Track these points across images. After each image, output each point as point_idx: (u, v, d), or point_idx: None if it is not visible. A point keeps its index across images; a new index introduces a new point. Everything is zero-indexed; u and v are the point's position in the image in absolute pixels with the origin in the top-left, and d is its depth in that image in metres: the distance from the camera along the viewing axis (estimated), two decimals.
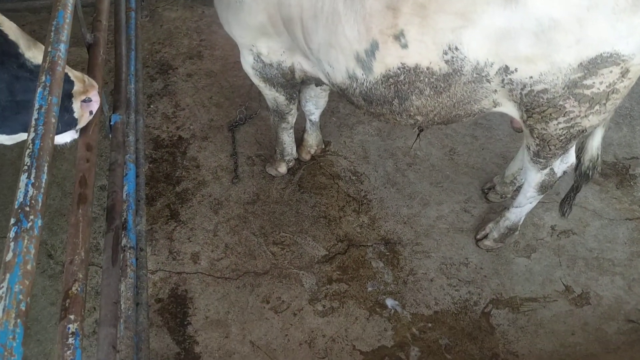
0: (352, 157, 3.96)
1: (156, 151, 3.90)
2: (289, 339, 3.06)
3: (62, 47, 1.65)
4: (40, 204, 1.22)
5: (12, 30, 1.73)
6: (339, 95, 2.93)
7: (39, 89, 1.48)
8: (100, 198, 3.52)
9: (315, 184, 3.78)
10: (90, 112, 2.02)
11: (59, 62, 1.59)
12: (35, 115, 1.40)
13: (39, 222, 1.20)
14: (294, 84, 3.14)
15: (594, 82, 2.28)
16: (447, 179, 3.87)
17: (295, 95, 3.30)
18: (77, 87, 1.91)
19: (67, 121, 1.92)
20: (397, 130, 4.11)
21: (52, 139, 1.38)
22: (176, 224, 3.50)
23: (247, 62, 3.05)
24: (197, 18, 5.07)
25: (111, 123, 2.66)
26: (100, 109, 2.71)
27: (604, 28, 2.15)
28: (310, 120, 3.74)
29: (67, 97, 1.88)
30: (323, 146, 3.95)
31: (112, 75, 3.01)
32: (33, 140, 1.34)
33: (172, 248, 3.38)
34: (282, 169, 3.75)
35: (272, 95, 3.22)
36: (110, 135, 2.64)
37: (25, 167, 1.28)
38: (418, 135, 3.59)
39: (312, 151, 3.88)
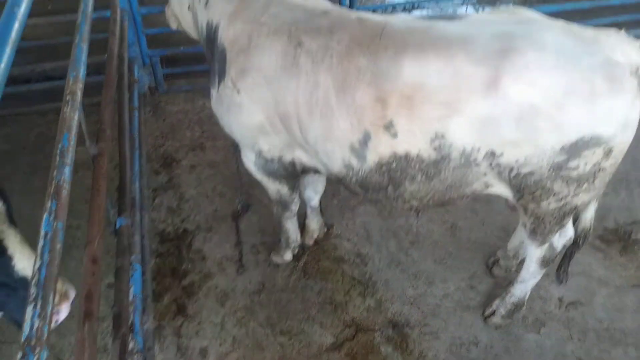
0: (355, 238, 4.01)
1: (162, 245, 3.96)
2: None
3: (67, 170, 1.75)
4: (45, 335, 1.27)
5: (14, 244, 2.02)
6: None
7: (45, 215, 1.56)
8: (109, 296, 3.55)
9: (320, 269, 3.81)
10: (56, 321, 2.08)
11: (65, 185, 1.68)
12: (41, 243, 1.47)
13: (45, 354, 1.24)
14: (295, 175, 3.24)
15: (578, 164, 2.36)
16: (450, 256, 3.89)
17: (297, 185, 3.39)
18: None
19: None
20: (398, 209, 4.17)
21: (59, 266, 1.45)
22: (183, 318, 3.51)
23: (250, 160, 3.17)
24: (198, 110, 5.26)
25: (117, 227, 2.74)
26: (107, 212, 2.80)
27: (583, 112, 2.25)
28: (311, 206, 3.81)
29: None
30: (325, 230, 4.01)
31: (117, 171, 3.09)
32: (39, 268, 1.40)
33: (181, 344, 3.38)
34: (288, 256, 3.80)
35: (275, 187, 3.32)
36: (116, 240, 2.72)
37: (32, 298, 1.34)
38: (417, 214, 3.66)
39: (315, 236, 3.94)
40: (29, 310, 1.31)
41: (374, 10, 6.42)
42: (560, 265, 3.21)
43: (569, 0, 5.73)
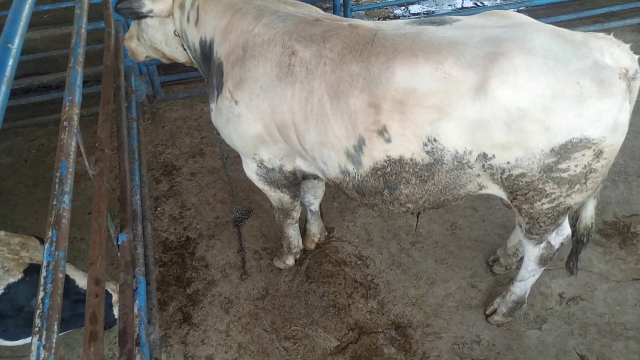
0: (356, 241, 4.04)
1: (165, 254, 4.01)
2: None
3: (67, 199, 1.78)
4: None
5: (70, 270, 2.63)
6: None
7: (46, 245, 1.60)
8: None
9: (322, 272, 3.85)
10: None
11: (64, 214, 1.72)
12: (43, 273, 1.51)
13: None
14: (296, 183, 3.29)
15: (569, 166, 2.39)
16: (451, 255, 3.93)
17: (298, 193, 3.43)
18: (114, 297, 2.69)
19: (111, 323, 2.69)
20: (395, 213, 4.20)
21: (61, 295, 1.48)
22: (189, 327, 3.56)
23: (251, 170, 3.22)
24: (197, 116, 5.30)
25: (119, 243, 2.78)
26: (107, 228, 2.84)
27: (571, 115, 2.28)
28: (311, 210, 3.85)
29: (109, 306, 2.68)
30: (326, 233, 4.05)
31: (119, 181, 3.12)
32: (43, 299, 1.44)
33: (187, 352, 3.43)
34: (290, 261, 3.84)
35: (277, 196, 3.36)
36: (119, 255, 2.76)
37: (37, 329, 1.38)
38: (417, 217, 3.70)
39: (316, 239, 3.98)
40: (34, 341, 1.35)
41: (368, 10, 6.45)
42: (568, 261, 3.21)
43: None
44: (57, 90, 5.57)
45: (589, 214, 3.03)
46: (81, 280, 2.62)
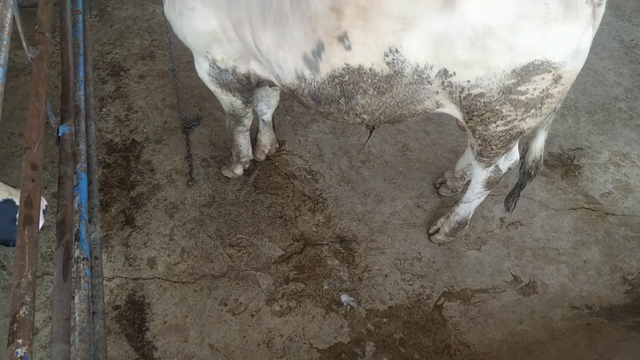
0: (307, 155, 4.01)
1: (109, 156, 3.87)
2: (247, 340, 3.11)
3: (0, 72, 1.65)
4: None
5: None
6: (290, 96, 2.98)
7: None
8: (54, 206, 3.49)
9: (271, 184, 3.82)
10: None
11: None
12: None
13: None
14: (250, 88, 3.18)
15: (527, 88, 2.38)
16: (400, 175, 3.95)
17: (251, 99, 3.33)
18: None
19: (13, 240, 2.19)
20: (351, 128, 4.17)
21: None
22: (132, 229, 3.50)
23: (203, 69, 3.07)
24: (148, 17, 5.02)
25: (59, 135, 2.65)
26: (49, 119, 2.69)
27: (535, 36, 2.24)
28: (263, 120, 3.76)
29: (12, 220, 2.26)
30: (277, 145, 3.99)
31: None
32: None
33: (128, 254, 3.39)
34: (239, 170, 3.78)
35: (228, 100, 3.25)
36: (59, 147, 2.64)
37: None
38: (370, 132, 3.68)
39: (267, 151, 3.92)
40: None
41: None
42: (510, 194, 3.27)
43: None
44: None
45: (538, 146, 3.05)
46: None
